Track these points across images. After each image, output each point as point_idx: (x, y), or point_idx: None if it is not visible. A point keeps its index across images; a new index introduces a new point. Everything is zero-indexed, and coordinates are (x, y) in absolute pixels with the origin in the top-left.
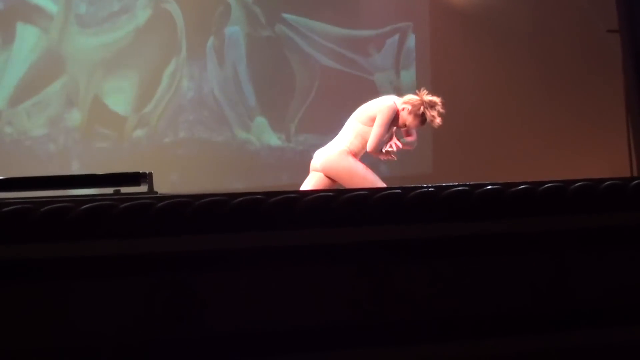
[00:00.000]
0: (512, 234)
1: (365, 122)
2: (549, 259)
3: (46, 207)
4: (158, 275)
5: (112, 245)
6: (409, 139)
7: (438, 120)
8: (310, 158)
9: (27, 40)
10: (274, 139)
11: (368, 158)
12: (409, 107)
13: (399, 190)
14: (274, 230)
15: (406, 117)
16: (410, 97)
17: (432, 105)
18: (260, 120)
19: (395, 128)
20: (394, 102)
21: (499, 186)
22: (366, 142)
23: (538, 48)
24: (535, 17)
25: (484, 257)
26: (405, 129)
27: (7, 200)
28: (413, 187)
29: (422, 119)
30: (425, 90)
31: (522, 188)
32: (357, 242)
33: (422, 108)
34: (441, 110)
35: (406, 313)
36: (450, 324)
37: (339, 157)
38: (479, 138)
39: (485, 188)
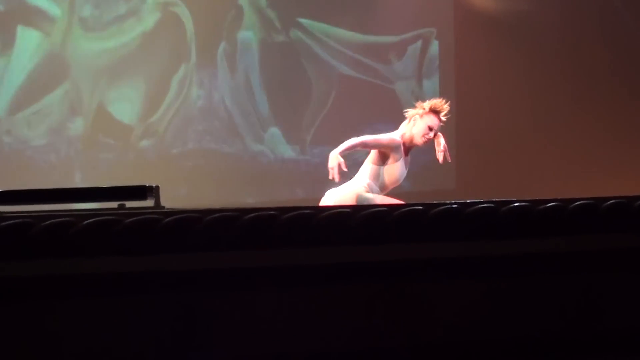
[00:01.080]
0: (541, 254)
1: (375, 161)
2: (579, 280)
3: (47, 222)
4: (165, 294)
5: (116, 263)
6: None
7: (446, 106)
8: (327, 172)
9: (28, 44)
10: (288, 151)
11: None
12: (417, 116)
13: (421, 207)
14: (289, 248)
15: (424, 122)
16: (409, 114)
17: (429, 100)
18: (274, 131)
19: (408, 157)
20: (400, 136)
21: (526, 203)
22: (382, 182)
23: (570, 57)
24: (568, 23)
25: (510, 278)
26: (433, 134)
27: (6, 214)
28: (435, 203)
29: (434, 113)
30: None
31: (551, 205)
32: (375, 261)
33: (425, 106)
34: (440, 99)
35: (427, 335)
36: (473, 348)
37: (353, 197)
38: (506, 152)
39: (512, 205)
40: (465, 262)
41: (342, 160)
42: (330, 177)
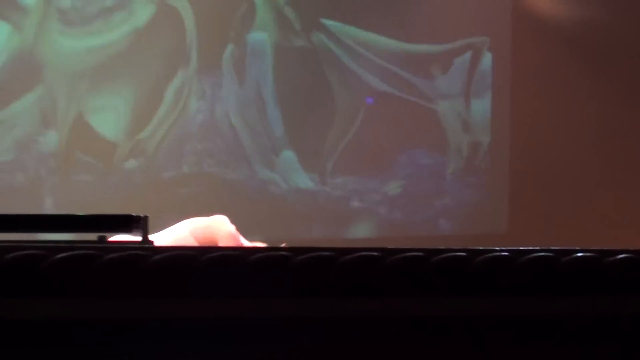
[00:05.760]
0: (610, 316)
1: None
2: None
3: (11, 255)
4: (148, 346)
5: (92, 306)
6: None
7: None
8: (350, 206)
9: None
10: (304, 180)
11: (423, 210)
12: None
13: (464, 254)
14: (301, 297)
15: None
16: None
17: None
18: (288, 155)
19: None
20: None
21: (592, 253)
22: None
23: None
24: None
25: (573, 345)
26: None
27: None
28: (482, 249)
29: None
30: None
31: (623, 257)
32: (405, 316)
33: None
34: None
35: None
36: None
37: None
38: (569, 191)
39: (574, 255)
40: (518, 322)
41: None
42: None
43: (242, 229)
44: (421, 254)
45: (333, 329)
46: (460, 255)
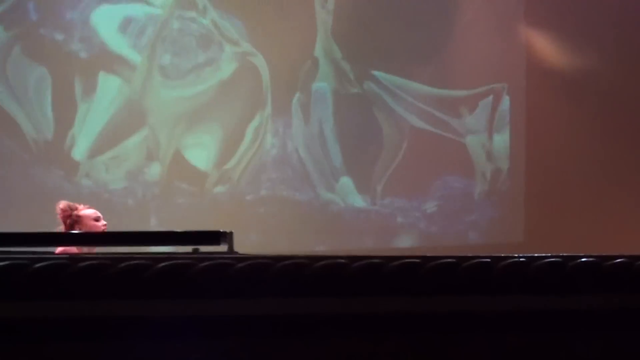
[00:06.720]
0: (609, 311)
1: None
2: None
3: (123, 264)
4: (234, 339)
5: (190, 306)
6: None
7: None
8: (396, 221)
9: (109, 90)
10: (358, 201)
11: (455, 224)
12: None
13: (489, 260)
14: (356, 296)
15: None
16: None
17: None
18: (345, 181)
19: None
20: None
21: (594, 259)
22: None
23: None
24: None
25: (578, 335)
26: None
27: (84, 256)
28: (503, 256)
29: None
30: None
31: (620, 262)
32: (441, 313)
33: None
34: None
35: None
36: None
37: None
38: (576, 207)
39: (579, 260)
40: (532, 317)
41: None
42: None
43: (308, 241)
44: (454, 260)
45: (384, 324)
46: (485, 261)
